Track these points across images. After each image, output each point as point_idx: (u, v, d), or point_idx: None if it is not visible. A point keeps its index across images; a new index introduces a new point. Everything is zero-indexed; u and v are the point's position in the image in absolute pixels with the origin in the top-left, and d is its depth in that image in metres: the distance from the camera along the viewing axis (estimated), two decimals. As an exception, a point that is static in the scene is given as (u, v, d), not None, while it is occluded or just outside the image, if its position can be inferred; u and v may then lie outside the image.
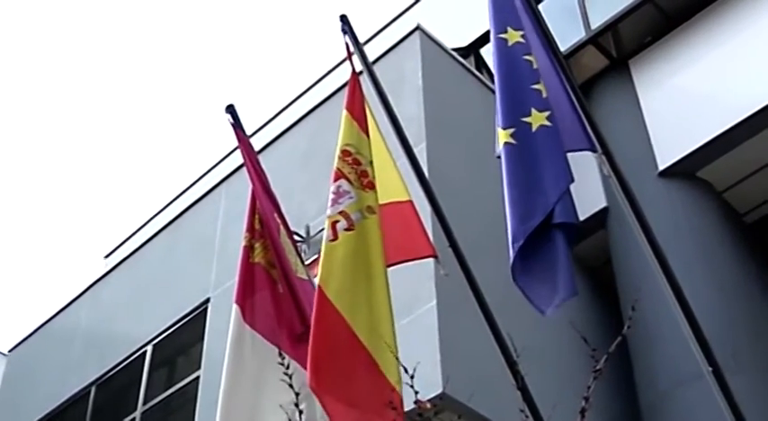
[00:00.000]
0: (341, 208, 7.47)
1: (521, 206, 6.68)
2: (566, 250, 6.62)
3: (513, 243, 6.57)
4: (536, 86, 7.22)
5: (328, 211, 7.46)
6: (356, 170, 7.75)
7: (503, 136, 7.01)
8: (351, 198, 7.55)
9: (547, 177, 6.79)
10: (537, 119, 7.03)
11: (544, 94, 7.19)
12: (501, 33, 7.58)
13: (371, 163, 7.86)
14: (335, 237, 7.31)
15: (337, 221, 7.39)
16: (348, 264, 7.24)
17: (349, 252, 7.27)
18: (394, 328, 7.06)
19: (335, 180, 7.64)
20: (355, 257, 7.26)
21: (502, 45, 7.52)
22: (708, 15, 14.77)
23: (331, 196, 7.58)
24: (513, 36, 7.54)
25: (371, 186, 7.74)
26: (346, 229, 7.38)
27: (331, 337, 6.89)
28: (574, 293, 6.47)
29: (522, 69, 7.36)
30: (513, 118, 7.07)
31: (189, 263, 15.41)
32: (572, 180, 6.84)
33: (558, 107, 7.28)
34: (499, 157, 7.01)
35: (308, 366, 6.75)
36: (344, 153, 7.82)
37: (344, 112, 8.14)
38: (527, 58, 7.42)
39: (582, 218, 14.11)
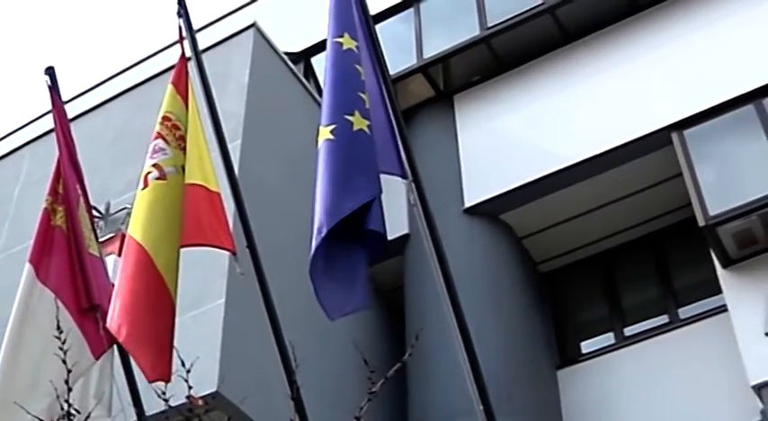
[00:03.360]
0: (154, 161, 7.62)
1: (331, 199, 6.62)
2: (365, 263, 6.63)
3: (317, 234, 6.51)
4: (362, 94, 7.26)
5: (144, 166, 7.58)
6: (174, 134, 7.83)
7: (323, 133, 7.01)
8: (166, 154, 7.66)
9: (360, 178, 6.78)
10: (358, 122, 7.04)
11: (367, 105, 7.22)
12: (337, 37, 7.64)
13: (186, 134, 7.90)
14: (146, 186, 7.44)
15: (150, 172, 7.59)
16: (156, 208, 7.47)
17: (159, 197, 7.48)
18: (176, 278, 7.37)
19: (154, 139, 7.77)
20: (164, 203, 7.41)
21: (337, 48, 7.57)
22: (539, 65, 15.09)
23: (148, 154, 7.66)
24: (349, 42, 7.60)
25: (185, 151, 7.79)
26: (157, 178, 7.48)
27: (142, 283, 7.01)
28: (366, 306, 6.47)
29: (351, 74, 7.41)
30: (337, 115, 7.08)
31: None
32: (381, 191, 6.85)
33: (377, 128, 7.31)
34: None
35: (116, 315, 6.84)
36: (165, 119, 7.92)
37: (170, 86, 8.15)
38: (357, 66, 7.46)
39: (383, 241, 14.32)
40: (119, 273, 7.33)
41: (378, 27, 8.71)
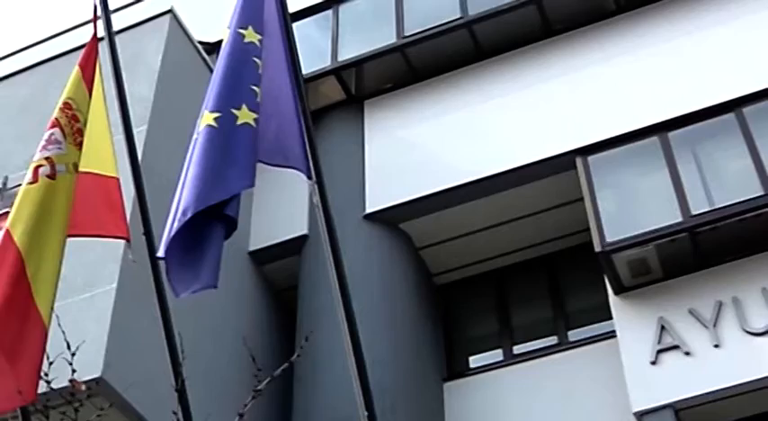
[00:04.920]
0: (48, 154, 7.48)
1: (202, 185, 6.58)
2: (220, 243, 6.57)
3: (181, 215, 6.45)
4: (255, 88, 7.22)
5: (36, 156, 7.35)
6: (72, 126, 7.67)
7: (207, 117, 6.98)
8: (60, 149, 7.49)
9: (235, 170, 6.75)
10: (245, 115, 7.01)
11: (258, 99, 7.19)
12: (241, 29, 7.59)
13: (86, 125, 7.76)
14: (35, 180, 7.28)
15: (41, 166, 7.39)
16: (40, 209, 7.23)
17: (45, 198, 7.24)
18: (55, 290, 7.07)
19: (51, 127, 7.55)
20: (49, 205, 7.21)
21: (238, 39, 7.53)
22: (452, 79, 15.15)
23: (42, 142, 7.47)
24: (252, 36, 7.55)
25: (81, 146, 7.65)
26: (48, 176, 7.33)
27: (9, 284, 6.79)
28: (213, 285, 6.39)
29: (247, 67, 7.36)
30: (223, 105, 7.05)
31: None
32: (252, 185, 6.83)
33: (285, 125, 7.28)
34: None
35: None
36: (66, 105, 7.75)
37: (77, 68, 8.01)
38: (256, 59, 7.42)
39: (281, 239, 14.30)
40: None
41: (294, 25, 8.67)
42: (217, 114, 6.98)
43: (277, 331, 13.74)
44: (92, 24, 8.53)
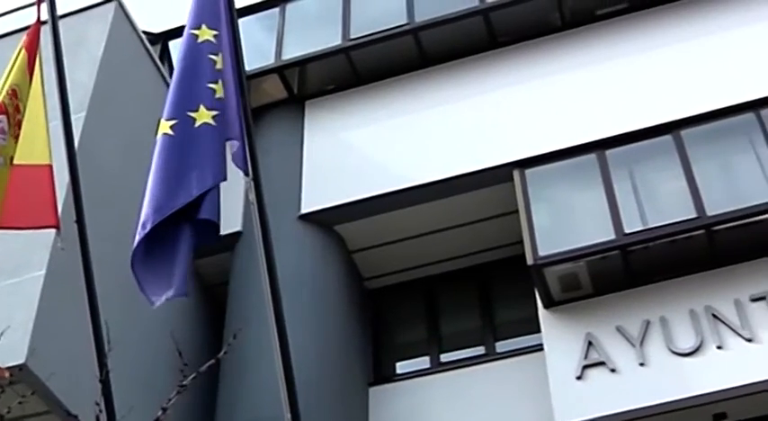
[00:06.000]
0: None
1: (159, 195, 6.59)
2: (190, 251, 6.56)
3: (141, 229, 6.47)
4: (212, 85, 7.21)
5: None
6: (15, 117, 7.59)
7: (163, 126, 6.97)
8: (3, 140, 7.37)
9: (196, 172, 6.74)
10: (202, 116, 7.01)
11: (217, 95, 7.16)
12: (194, 29, 7.60)
13: (25, 114, 7.69)
14: None
15: None
16: None
17: None
18: None
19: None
20: None
21: (192, 40, 7.52)
22: (396, 84, 15.17)
23: None
24: (206, 34, 7.55)
25: (18, 139, 7.57)
26: None
27: None
28: (184, 293, 6.40)
29: (203, 66, 7.37)
30: (179, 111, 7.05)
31: None
32: (224, 178, 6.81)
33: (228, 119, 7.27)
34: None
35: None
36: (13, 92, 7.65)
37: (23, 52, 7.94)
38: (212, 56, 7.41)
39: (214, 234, 14.17)
40: None
41: (241, 21, 8.64)
42: (173, 122, 6.97)
43: (206, 327, 13.66)
44: (35, 7, 8.46)
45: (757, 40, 13.58)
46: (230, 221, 13.98)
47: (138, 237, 6.46)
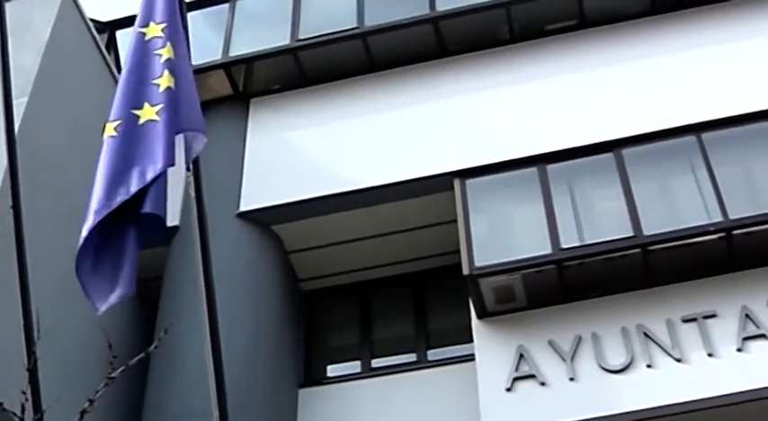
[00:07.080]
0: None
1: (101, 196, 6.51)
2: (135, 250, 6.51)
3: (84, 233, 6.38)
4: (156, 81, 7.13)
5: None
6: None
7: (108, 129, 6.90)
8: None
9: (137, 169, 6.65)
10: (147, 113, 6.93)
11: (162, 88, 7.09)
12: (142, 27, 7.55)
13: None
14: None
15: None
16: None
17: None
18: None
19: None
20: None
21: (139, 39, 7.49)
22: (342, 87, 15.14)
23: None
24: (153, 30, 7.50)
25: None
26: None
27: None
28: (131, 293, 6.35)
29: (148, 63, 7.30)
30: (123, 111, 6.99)
31: None
32: (172, 164, 6.71)
33: (177, 108, 7.20)
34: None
35: None
36: None
37: None
38: (158, 52, 7.34)
39: (150, 228, 14.08)
40: None
41: (190, 15, 8.61)
42: (116, 123, 6.89)
43: (137, 320, 13.52)
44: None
45: (701, 64, 13.76)
46: (168, 216, 13.86)
47: (80, 243, 6.37)
